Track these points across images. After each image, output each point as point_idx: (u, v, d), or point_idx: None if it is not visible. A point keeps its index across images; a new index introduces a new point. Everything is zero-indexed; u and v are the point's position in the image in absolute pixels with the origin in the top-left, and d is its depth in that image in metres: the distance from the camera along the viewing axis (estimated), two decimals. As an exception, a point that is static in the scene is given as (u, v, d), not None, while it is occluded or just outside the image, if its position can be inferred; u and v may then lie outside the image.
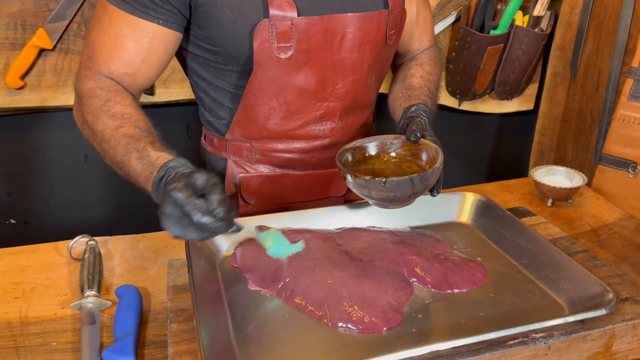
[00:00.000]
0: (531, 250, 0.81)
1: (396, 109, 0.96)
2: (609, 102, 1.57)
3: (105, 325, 0.78)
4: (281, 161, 0.98)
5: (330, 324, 0.69)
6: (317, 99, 0.91)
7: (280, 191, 1.01)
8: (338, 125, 0.96)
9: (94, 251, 0.89)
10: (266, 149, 0.97)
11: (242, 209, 1.01)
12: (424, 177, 0.74)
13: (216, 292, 0.75)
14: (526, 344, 0.65)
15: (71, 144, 1.59)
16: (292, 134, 0.95)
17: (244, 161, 0.99)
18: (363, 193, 0.77)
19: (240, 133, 0.97)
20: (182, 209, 0.64)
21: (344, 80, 0.91)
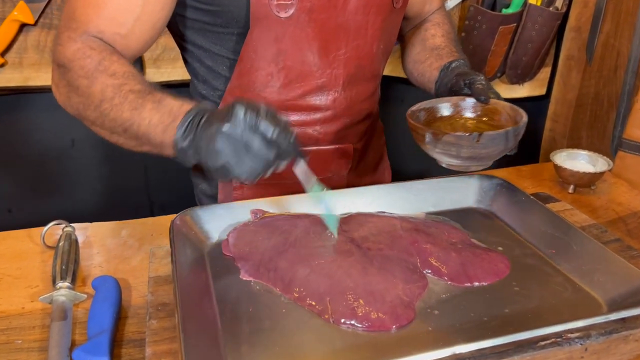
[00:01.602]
0: (559, 238, 0.72)
1: (425, 71, 0.88)
2: (629, 86, 1.47)
3: (79, 321, 0.69)
4: None
5: (332, 320, 0.60)
6: (319, 65, 0.83)
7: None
8: (341, 96, 0.87)
9: (70, 238, 0.80)
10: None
11: (237, 191, 0.92)
12: (518, 130, 0.71)
13: (203, 284, 0.66)
14: (560, 345, 0.56)
15: (57, 128, 1.50)
16: (292, 105, 0.86)
17: None
18: (449, 152, 0.71)
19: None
20: (250, 130, 0.60)
21: (347, 45, 0.83)
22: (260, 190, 0.90)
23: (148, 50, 1.41)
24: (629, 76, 1.47)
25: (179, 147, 0.65)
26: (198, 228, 0.74)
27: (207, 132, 0.61)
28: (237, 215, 0.76)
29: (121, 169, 1.59)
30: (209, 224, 0.75)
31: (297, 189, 0.89)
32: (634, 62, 1.45)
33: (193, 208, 0.75)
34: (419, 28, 0.99)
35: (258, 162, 0.61)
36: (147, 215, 0.98)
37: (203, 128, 0.63)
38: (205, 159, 0.63)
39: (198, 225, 0.74)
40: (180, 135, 0.64)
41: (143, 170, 1.61)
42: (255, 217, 0.75)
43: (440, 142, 0.70)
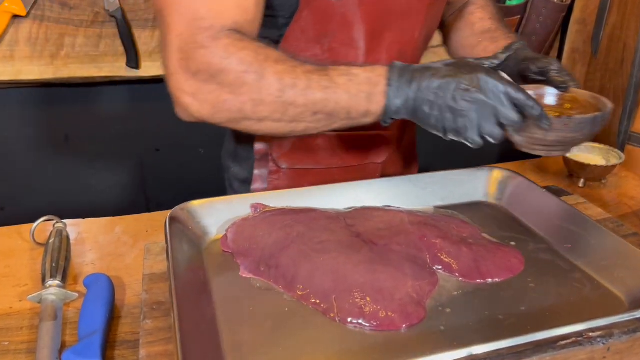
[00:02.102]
0: (575, 232, 0.68)
1: (480, 55, 0.84)
2: (635, 79, 1.44)
3: (70, 322, 0.66)
4: None
5: (338, 319, 0.56)
6: (363, 49, 0.79)
7: (314, 155, 0.89)
8: None
9: (61, 235, 0.77)
10: None
11: (273, 175, 0.90)
12: (605, 116, 0.69)
13: (201, 281, 0.62)
14: (581, 344, 0.53)
15: (50, 123, 1.46)
16: None
17: None
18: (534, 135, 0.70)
19: None
20: (499, 93, 0.61)
21: (391, 30, 0.79)
22: (296, 177, 0.89)
23: (143, 44, 1.38)
24: (636, 69, 1.43)
25: (393, 110, 0.65)
26: (195, 223, 0.70)
27: (436, 91, 0.62)
28: (236, 209, 0.72)
29: (116, 165, 1.56)
30: (207, 219, 0.71)
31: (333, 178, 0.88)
32: (641, 54, 1.41)
33: (190, 202, 0.71)
34: (463, 12, 0.95)
35: (498, 126, 0.62)
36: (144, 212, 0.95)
37: (419, 87, 0.63)
38: (428, 118, 0.64)
39: (195, 220, 0.70)
40: (392, 97, 0.64)
41: (139, 166, 1.58)
42: (255, 212, 0.72)
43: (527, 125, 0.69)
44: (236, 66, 0.64)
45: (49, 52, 1.32)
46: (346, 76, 0.65)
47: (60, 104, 1.44)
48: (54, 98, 1.43)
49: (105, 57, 1.36)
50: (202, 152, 1.62)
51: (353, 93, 0.65)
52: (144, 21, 1.35)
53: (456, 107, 0.62)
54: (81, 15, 1.31)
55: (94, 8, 1.31)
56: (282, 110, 0.65)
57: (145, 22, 1.35)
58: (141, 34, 1.36)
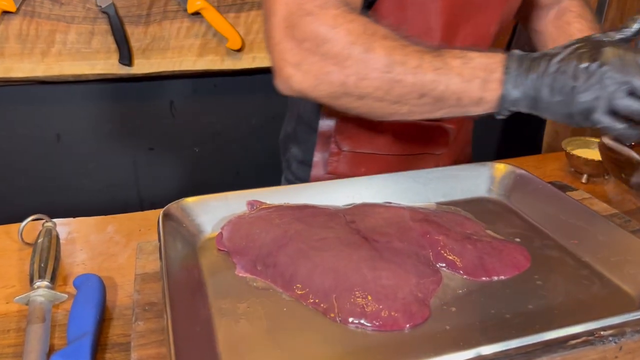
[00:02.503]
0: (582, 228, 0.66)
1: None
2: (636, 75, 1.42)
3: (59, 324, 0.63)
4: None
5: (339, 319, 0.54)
6: (438, 39, 0.77)
7: (378, 140, 0.88)
8: None
9: (50, 234, 0.74)
10: None
11: (333, 157, 0.90)
12: None
13: (195, 281, 0.60)
14: (593, 344, 0.51)
15: (41, 122, 1.43)
16: None
17: None
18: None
19: None
20: (631, 62, 0.55)
21: (467, 22, 0.78)
22: (355, 161, 0.89)
23: (136, 40, 1.35)
24: (636, 65, 1.42)
25: (510, 100, 0.61)
26: (189, 221, 0.67)
27: (555, 73, 0.58)
28: (232, 206, 0.70)
29: (109, 164, 1.53)
30: (201, 216, 0.68)
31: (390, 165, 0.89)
32: (641, 50, 1.40)
33: (184, 199, 0.68)
34: (559, 20, 0.92)
35: (636, 98, 0.56)
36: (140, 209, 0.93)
37: (538, 74, 0.59)
38: (550, 105, 0.59)
39: (189, 218, 0.68)
40: (510, 87, 0.60)
41: (132, 165, 1.55)
42: (251, 209, 0.69)
43: None
44: (343, 37, 0.60)
45: (40, 49, 1.30)
46: (461, 59, 0.61)
47: (51, 102, 1.41)
48: (45, 96, 1.40)
49: (98, 54, 1.34)
50: (197, 151, 1.60)
51: (466, 77, 0.61)
52: (136, 17, 1.32)
53: (579, 85, 0.57)
54: (72, 12, 1.29)
55: (85, 4, 1.29)
56: (386, 88, 0.62)
57: (138, 18, 1.33)
58: (134, 31, 1.34)
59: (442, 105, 0.63)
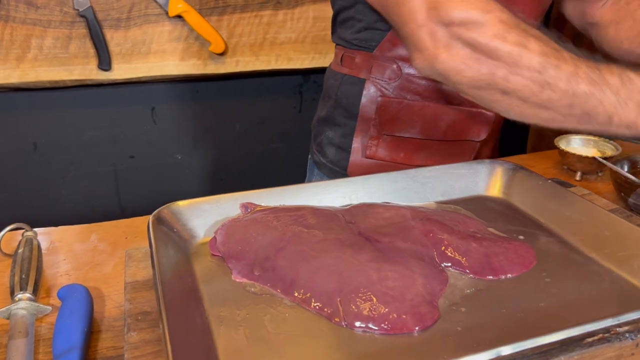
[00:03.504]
0: (587, 223, 0.65)
1: None
2: (619, 74, 1.43)
3: (43, 338, 0.59)
4: (424, 89, 0.87)
5: (345, 323, 0.51)
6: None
7: (418, 123, 0.89)
8: None
9: (31, 244, 0.70)
10: (412, 73, 0.87)
11: (372, 141, 0.90)
12: None
13: (190, 288, 0.56)
14: (609, 341, 0.49)
15: (17, 130, 1.38)
16: None
17: (385, 84, 0.89)
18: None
19: (390, 50, 0.87)
20: None
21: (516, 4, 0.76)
22: (395, 145, 0.90)
23: (116, 45, 1.32)
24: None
25: None
26: (180, 225, 0.64)
27: None
28: (225, 210, 0.67)
29: (89, 173, 1.48)
30: (193, 220, 0.65)
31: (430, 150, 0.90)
32: (624, 49, 1.41)
33: (174, 203, 0.65)
34: (618, 5, 0.90)
35: None
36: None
37: None
38: None
39: (180, 223, 0.64)
40: None
41: (113, 173, 1.50)
42: (245, 212, 0.66)
43: None
44: (496, 25, 0.57)
45: (15, 55, 1.25)
46: (619, 77, 0.58)
47: (27, 110, 1.36)
48: (21, 104, 1.35)
49: (76, 59, 1.29)
50: (180, 158, 1.56)
51: (622, 98, 0.58)
52: (116, 21, 1.29)
53: None
54: (49, 15, 1.24)
55: (62, 7, 1.24)
56: (535, 90, 0.58)
57: (117, 22, 1.29)
58: (113, 35, 1.30)
59: (589, 120, 0.60)
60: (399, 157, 0.91)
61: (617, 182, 0.83)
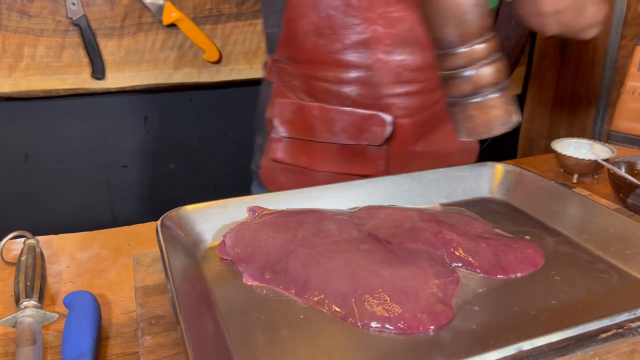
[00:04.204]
0: (592, 222, 0.65)
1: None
2: (607, 80, 1.46)
3: (51, 346, 0.58)
4: (318, 91, 0.87)
5: (361, 323, 0.51)
6: (363, 18, 0.77)
7: (313, 126, 0.88)
8: (386, 58, 0.81)
9: (34, 251, 0.69)
10: (305, 75, 0.87)
11: (273, 144, 0.91)
12: None
13: (202, 291, 0.56)
14: (623, 336, 0.49)
15: (8, 141, 1.36)
16: (331, 59, 0.82)
17: (285, 86, 0.90)
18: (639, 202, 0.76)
19: (284, 53, 0.89)
20: None
21: (399, 3, 0.77)
22: (295, 148, 0.90)
23: (109, 53, 1.31)
24: (607, 71, 1.45)
25: None
26: (188, 230, 0.64)
27: None
28: (232, 214, 0.67)
29: (81, 183, 1.46)
30: (200, 224, 0.65)
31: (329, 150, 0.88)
32: (612, 56, 1.44)
33: (182, 207, 0.65)
34: None
35: None
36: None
37: None
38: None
39: (188, 227, 0.64)
40: None
41: (105, 184, 1.49)
42: (253, 215, 0.66)
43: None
44: None
45: (7, 64, 1.24)
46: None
47: (19, 120, 1.35)
48: (12, 113, 1.33)
49: (69, 68, 1.28)
50: (173, 167, 1.55)
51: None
52: (110, 29, 1.28)
53: None
54: (42, 24, 1.23)
55: (55, 16, 1.24)
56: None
57: (111, 31, 1.28)
58: (107, 44, 1.29)
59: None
60: (301, 161, 0.91)
61: (616, 184, 0.84)
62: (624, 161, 0.89)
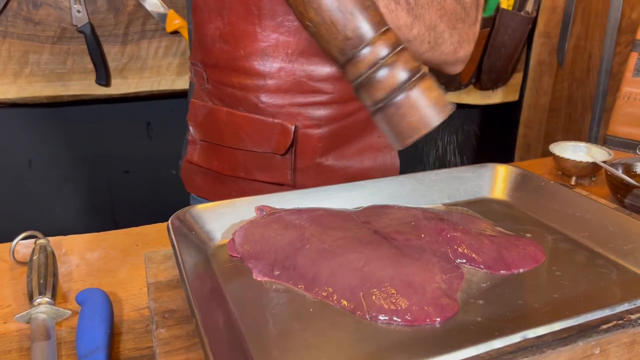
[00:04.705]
0: (591, 220, 0.67)
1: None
2: (602, 86, 1.49)
3: (64, 341, 0.59)
4: (226, 96, 0.86)
5: (369, 316, 0.53)
6: (264, 27, 0.78)
7: (221, 130, 0.88)
8: (289, 67, 0.81)
9: (46, 250, 0.70)
10: (214, 79, 0.87)
11: (190, 145, 0.92)
12: None
13: (214, 287, 0.57)
14: (623, 327, 0.51)
15: (12, 147, 1.38)
16: (237, 66, 0.82)
17: (201, 89, 0.90)
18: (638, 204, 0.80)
19: (197, 57, 0.89)
20: None
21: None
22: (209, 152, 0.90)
23: (113, 60, 1.33)
24: (602, 77, 1.48)
25: None
26: (198, 228, 0.65)
27: None
28: (240, 213, 0.68)
29: (83, 189, 1.48)
30: (210, 223, 0.66)
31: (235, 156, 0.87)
32: (607, 62, 1.46)
33: (192, 206, 0.66)
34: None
35: None
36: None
37: None
38: None
39: (198, 225, 0.65)
40: None
41: (107, 189, 1.50)
42: (261, 214, 0.68)
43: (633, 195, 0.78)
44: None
45: (12, 70, 1.26)
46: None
47: (23, 125, 1.36)
48: (17, 119, 1.35)
49: (73, 75, 1.30)
50: (175, 173, 1.56)
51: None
52: (114, 36, 1.30)
53: None
54: (47, 31, 1.25)
55: (60, 23, 1.26)
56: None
57: (115, 38, 1.30)
58: (110, 50, 1.31)
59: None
60: (214, 165, 0.90)
61: (613, 185, 0.86)
62: (621, 163, 0.91)
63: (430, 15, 0.73)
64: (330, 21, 0.51)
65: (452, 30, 0.77)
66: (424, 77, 0.53)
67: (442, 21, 0.75)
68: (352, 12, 0.51)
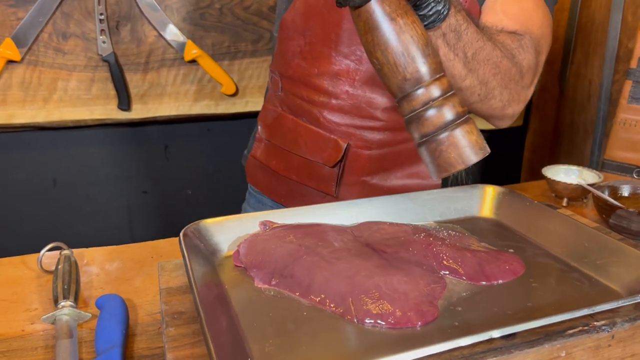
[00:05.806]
0: (569, 237, 0.72)
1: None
2: (602, 112, 1.54)
3: (84, 341, 0.66)
4: (295, 105, 0.97)
5: (356, 319, 0.58)
6: (337, 52, 0.87)
7: (284, 135, 0.98)
8: (353, 92, 0.90)
9: (70, 260, 0.77)
10: (287, 89, 0.97)
11: (256, 143, 1.04)
12: None
13: (219, 292, 0.64)
14: (588, 332, 0.56)
15: (38, 167, 1.47)
16: (309, 81, 0.92)
17: (274, 95, 1.01)
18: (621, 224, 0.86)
19: (276, 67, 0.99)
20: None
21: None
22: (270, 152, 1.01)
23: (134, 87, 1.42)
24: (602, 103, 1.53)
25: None
26: (207, 240, 0.72)
27: None
28: (246, 227, 0.75)
29: (103, 208, 1.56)
30: (218, 236, 0.73)
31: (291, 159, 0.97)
32: (606, 89, 1.52)
33: (201, 221, 0.73)
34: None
35: None
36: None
37: None
38: None
39: (207, 238, 0.72)
40: None
41: (126, 208, 1.58)
42: (264, 228, 0.74)
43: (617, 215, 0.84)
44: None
45: (42, 96, 1.35)
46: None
47: (49, 147, 1.45)
48: (44, 141, 1.44)
49: (97, 100, 1.39)
50: (191, 194, 1.64)
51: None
52: (135, 65, 1.39)
53: None
54: (75, 60, 1.35)
55: (87, 53, 1.35)
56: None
57: (137, 66, 1.40)
58: (132, 77, 1.41)
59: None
60: (272, 163, 1.01)
61: (599, 205, 0.91)
62: (607, 185, 0.96)
63: (484, 71, 0.78)
64: (394, 62, 0.58)
65: (503, 88, 0.82)
66: (467, 121, 0.59)
67: (495, 79, 0.80)
68: (413, 58, 0.58)
